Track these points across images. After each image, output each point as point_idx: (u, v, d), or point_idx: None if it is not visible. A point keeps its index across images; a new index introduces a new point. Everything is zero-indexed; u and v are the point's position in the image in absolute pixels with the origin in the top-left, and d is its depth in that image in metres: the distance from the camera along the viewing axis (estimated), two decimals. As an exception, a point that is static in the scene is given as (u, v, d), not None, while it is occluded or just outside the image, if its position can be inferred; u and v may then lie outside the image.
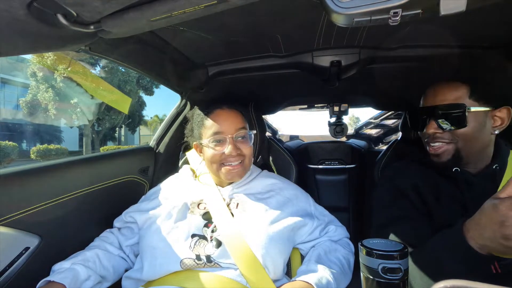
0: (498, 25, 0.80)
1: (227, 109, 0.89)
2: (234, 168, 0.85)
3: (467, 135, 0.72)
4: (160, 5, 0.50)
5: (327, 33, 0.85)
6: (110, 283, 0.83)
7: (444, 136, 0.75)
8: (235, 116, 0.88)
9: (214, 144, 0.85)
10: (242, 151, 0.86)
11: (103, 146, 16.70)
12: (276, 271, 0.74)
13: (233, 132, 0.85)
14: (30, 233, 0.77)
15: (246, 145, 0.87)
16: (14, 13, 0.46)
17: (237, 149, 0.85)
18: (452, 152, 0.75)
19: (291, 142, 2.35)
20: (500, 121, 0.74)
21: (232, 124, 0.86)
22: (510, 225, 0.46)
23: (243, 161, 0.87)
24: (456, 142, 0.74)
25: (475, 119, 0.72)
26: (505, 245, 0.47)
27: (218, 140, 0.85)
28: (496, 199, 0.49)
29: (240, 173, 0.87)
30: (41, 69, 13.48)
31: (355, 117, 22.89)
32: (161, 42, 0.89)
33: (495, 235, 0.48)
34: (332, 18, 0.47)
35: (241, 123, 0.88)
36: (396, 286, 0.44)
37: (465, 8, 0.41)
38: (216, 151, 0.84)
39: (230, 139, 0.84)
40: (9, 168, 0.78)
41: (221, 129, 0.85)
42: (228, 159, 0.84)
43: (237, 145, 0.86)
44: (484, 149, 0.76)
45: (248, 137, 0.88)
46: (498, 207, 0.48)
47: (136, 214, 0.88)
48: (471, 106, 0.71)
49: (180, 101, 1.33)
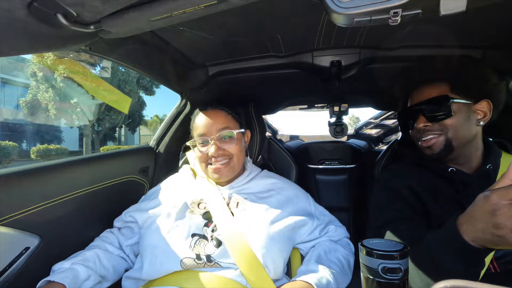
0: (498, 25, 0.81)
1: (211, 110, 0.91)
2: (219, 168, 0.86)
3: (455, 125, 0.77)
4: (160, 5, 0.50)
5: (327, 33, 0.85)
6: (110, 283, 0.83)
7: (433, 128, 0.80)
8: (217, 117, 0.89)
9: (200, 145, 0.88)
10: (227, 151, 0.87)
11: (103, 146, 16.71)
12: (276, 271, 0.74)
13: (214, 133, 0.86)
14: (30, 233, 0.77)
15: (231, 145, 0.87)
16: (14, 13, 0.47)
17: (220, 150, 0.86)
18: (443, 143, 0.79)
19: (291, 142, 2.35)
20: (482, 114, 0.79)
21: (214, 125, 0.87)
22: (501, 214, 0.46)
23: (231, 160, 0.88)
24: (446, 132, 0.78)
25: (459, 110, 0.77)
26: (497, 234, 0.47)
27: (202, 141, 0.88)
28: (488, 190, 0.50)
29: (227, 173, 0.87)
30: (41, 69, 13.49)
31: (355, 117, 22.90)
32: (161, 42, 0.89)
33: (487, 226, 0.48)
34: (332, 18, 0.47)
35: (223, 123, 0.88)
36: (396, 286, 0.44)
37: (465, 8, 0.41)
38: (201, 152, 0.88)
39: (212, 139, 0.86)
40: (9, 168, 0.78)
41: (204, 130, 0.88)
42: (213, 159, 0.86)
43: (221, 145, 0.86)
44: (472, 141, 0.79)
45: (234, 136, 0.88)
46: (490, 197, 0.48)
47: (136, 214, 0.88)
48: (453, 99, 0.77)
49: (180, 101, 1.33)
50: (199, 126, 0.89)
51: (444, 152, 0.79)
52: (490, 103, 0.79)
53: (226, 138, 0.88)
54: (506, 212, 0.46)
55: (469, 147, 0.80)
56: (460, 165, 0.81)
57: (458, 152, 0.79)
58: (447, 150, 0.79)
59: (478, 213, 0.50)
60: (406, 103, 0.91)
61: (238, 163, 0.90)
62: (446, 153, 0.79)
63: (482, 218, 0.49)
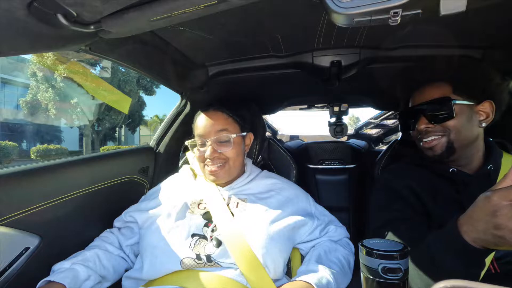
0: (498, 25, 0.81)
1: (211, 111, 0.90)
2: (215, 171, 0.86)
3: (457, 126, 0.76)
4: (160, 5, 0.50)
5: (327, 33, 0.85)
6: (110, 283, 0.83)
7: (435, 129, 0.79)
8: (216, 118, 0.88)
9: (199, 145, 0.88)
10: (223, 154, 0.86)
11: (103, 146, 16.71)
12: (276, 271, 0.74)
13: (212, 135, 0.86)
14: (30, 233, 0.77)
15: (227, 148, 0.86)
16: (14, 13, 0.47)
17: (216, 152, 0.85)
18: (445, 145, 0.78)
19: (291, 142, 2.35)
20: (485, 115, 0.78)
21: (212, 126, 0.87)
22: (501, 215, 0.46)
23: (226, 164, 0.87)
24: (448, 134, 0.77)
25: (461, 112, 0.76)
26: (497, 235, 0.47)
27: (200, 142, 0.88)
28: (489, 191, 0.50)
29: (223, 176, 0.87)
30: (41, 69, 13.49)
31: (355, 117, 22.91)
32: (161, 42, 0.89)
33: (488, 226, 0.48)
34: (332, 18, 0.47)
35: (221, 125, 0.87)
36: (396, 286, 0.44)
37: (465, 8, 0.41)
38: (199, 152, 0.88)
39: (209, 141, 0.85)
40: (9, 168, 0.78)
41: (202, 131, 0.87)
42: (208, 161, 0.86)
43: (218, 148, 0.86)
44: (474, 142, 0.79)
45: (231, 140, 0.86)
46: (491, 198, 0.48)
47: (136, 214, 0.88)
48: (456, 100, 0.77)
49: (180, 101, 1.33)
50: (199, 127, 0.89)
51: (446, 153, 0.78)
52: (492, 104, 0.78)
53: (223, 142, 0.87)
54: (506, 213, 0.45)
55: (471, 148, 0.79)
56: (461, 166, 0.80)
57: (460, 153, 0.78)
58: (448, 152, 0.78)
59: (479, 214, 0.50)
60: (406, 103, 0.90)
61: (235, 166, 0.89)
62: (448, 154, 0.78)
63: (483, 218, 0.49)
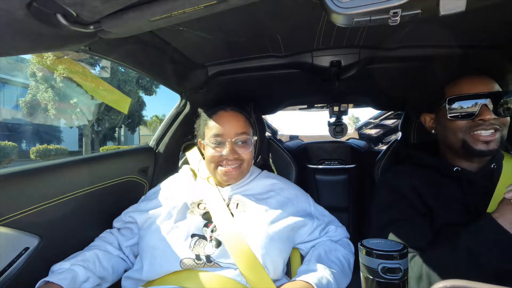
0: (498, 25, 0.81)
1: (231, 112, 0.89)
2: (230, 171, 0.85)
3: (508, 123, 0.73)
4: (160, 5, 0.50)
5: (327, 33, 0.85)
6: (110, 283, 0.83)
7: (496, 122, 0.73)
8: (237, 120, 0.88)
9: (214, 145, 0.86)
10: (241, 156, 0.86)
11: (103, 146, 16.70)
12: (276, 271, 0.74)
13: (232, 136, 0.85)
14: (30, 233, 0.77)
15: (246, 150, 0.87)
16: (14, 13, 0.46)
17: (235, 153, 0.85)
18: (499, 140, 0.74)
19: (291, 142, 2.35)
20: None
21: (233, 128, 0.86)
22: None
23: (241, 165, 0.87)
24: (502, 130, 0.74)
25: None
26: None
27: (218, 142, 0.85)
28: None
29: (236, 177, 0.87)
30: (41, 69, 13.48)
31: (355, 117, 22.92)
32: (161, 42, 0.89)
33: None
34: (332, 18, 0.47)
35: (242, 128, 0.87)
36: (396, 286, 0.44)
37: (465, 8, 0.41)
38: (215, 152, 0.85)
39: (229, 142, 0.84)
40: (9, 168, 0.78)
41: (222, 131, 0.85)
42: (225, 162, 0.85)
43: (236, 149, 0.85)
44: None
45: (249, 142, 0.88)
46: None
47: (136, 214, 0.88)
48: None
49: (180, 101, 1.33)
50: (217, 126, 0.86)
51: (495, 150, 0.73)
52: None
53: (242, 143, 0.87)
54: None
55: None
56: (467, 164, 0.79)
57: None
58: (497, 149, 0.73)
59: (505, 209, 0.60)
60: (405, 103, 0.90)
61: (248, 168, 0.90)
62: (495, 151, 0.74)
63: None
